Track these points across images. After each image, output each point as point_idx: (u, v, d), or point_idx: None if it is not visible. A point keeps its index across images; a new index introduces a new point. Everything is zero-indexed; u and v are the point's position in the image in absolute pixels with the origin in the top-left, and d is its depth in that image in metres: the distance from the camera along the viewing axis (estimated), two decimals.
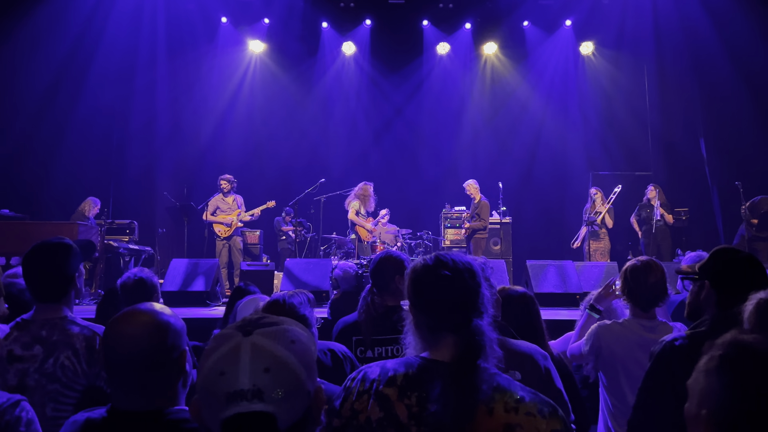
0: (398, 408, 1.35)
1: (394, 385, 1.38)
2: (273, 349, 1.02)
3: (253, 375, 0.99)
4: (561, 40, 12.58)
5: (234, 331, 1.05)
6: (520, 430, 1.30)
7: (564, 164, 12.30)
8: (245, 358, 1.00)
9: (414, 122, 12.91)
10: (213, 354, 1.03)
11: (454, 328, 1.41)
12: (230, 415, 0.98)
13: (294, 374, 1.01)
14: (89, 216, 8.76)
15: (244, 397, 0.98)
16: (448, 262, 1.47)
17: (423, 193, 12.14)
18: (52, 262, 2.32)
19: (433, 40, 12.84)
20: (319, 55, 12.77)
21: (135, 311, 1.51)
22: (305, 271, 7.65)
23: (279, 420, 0.99)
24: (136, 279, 3.20)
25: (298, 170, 11.96)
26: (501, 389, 1.35)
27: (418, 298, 1.47)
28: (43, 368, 2.16)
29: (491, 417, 1.31)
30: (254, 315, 1.11)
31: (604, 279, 7.11)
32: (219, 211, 9.28)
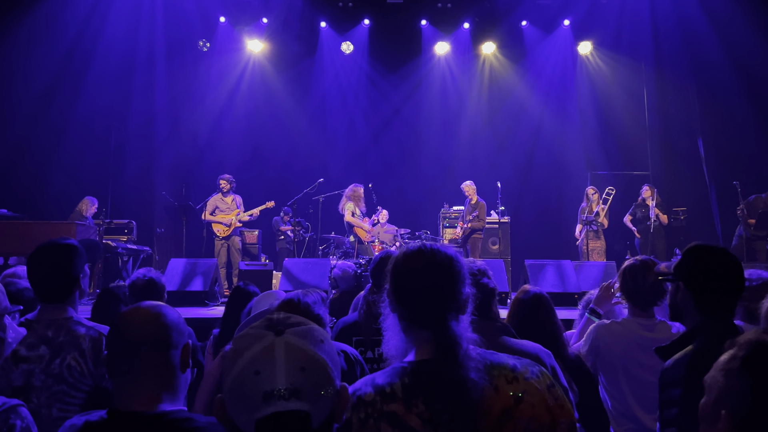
0: (410, 420, 1.32)
1: (396, 399, 1.34)
2: (306, 348, 1.03)
3: (290, 374, 1.00)
4: (559, 39, 12.59)
5: (264, 330, 1.06)
6: (528, 396, 1.34)
7: (562, 164, 12.30)
8: (280, 358, 1.01)
9: (412, 122, 12.91)
10: (245, 353, 1.03)
11: (430, 323, 1.39)
12: (266, 414, 0.99)
13: (327, 373, 1.04)
14: (87, 216, 8.75)
15: (281, 397, 0.99)
16: (429, 252, 1.44)
17: (421, 193, 12.14)
18: (57, 262, 2.32)
19: (431, 40, 12.84)
20: (317, 55, 12.76)
21: (142, 305, 1.56)
22: (304, 270, 7.65)
23: (313, 418, 1.01)
24: (146, 279, 3.22)
25: (297, 170, 11.95)
26: (494, 365, 1.38)
27: (395, 288, 1.45)
28: (49, 369, 2.16)
29: (499, 393, 1.33)
30: (280, 315, 1.12)
31: (603, 278, 7.12)
32: (218, 210, 9.27)
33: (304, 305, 2.07)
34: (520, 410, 1.32)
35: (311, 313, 2.06)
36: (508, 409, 1.32)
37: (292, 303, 2.05)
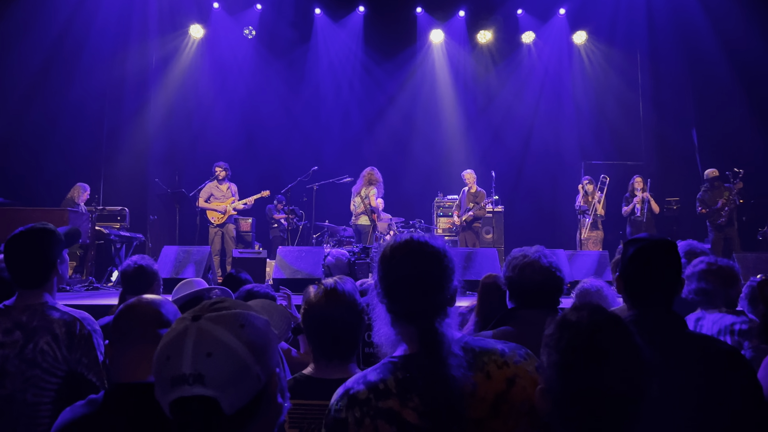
0: (407, 415, 1.30)
1: (391, 395, 1.33)
2: (218, 333, 1.02)
3: (195, 360, 1.00)
4: (555, 28, 12.55)
5: (186, 315, 1.07)
6: (519, 380, 1.36)
7: (556, 153, 12.31)
8: (189, 343, 1.02)
9: (407, 110, 12.86)
10: (164, 338, 1.06)
11: (412, 316, 1.37)
12: (174, 398, 1.01)
13: (239, 359, 1.02)
14: (79, 202, 8.69)
15: (185, 381, 0.99)
16: (417, 244, 1.42)
17: (416, 182, 12.12)
18: (33, 247, 2.32)
19: (426, 28, 12.78)
20: (311, 42, 12.68)
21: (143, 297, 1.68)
22: (298, 258, 7.62)
23: (222, 404, 1.00)
24: (136, 266, 3.23)
25: (291, 157, 11.90)
26: (484, 351, 1.39)
27: (382, 279, 1.42)
28: (23, 354, 2.15)
29: (491, 379, 1.35)
30: (212, 300, 1.12)
31: (596, 268, 7.16)
32: (213, 198, 9.24)
33: (349, 294, 2.01)
34: (513, 393, 1.34)
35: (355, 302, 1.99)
36: (502, 394, 1.33)
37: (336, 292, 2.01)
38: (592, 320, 1.22)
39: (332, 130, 12.59)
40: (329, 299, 1.96)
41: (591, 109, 12.27)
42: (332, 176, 9.89)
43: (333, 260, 4.84)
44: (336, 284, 2.00)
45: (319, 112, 12.72)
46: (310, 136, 12.43)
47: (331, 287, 1.99)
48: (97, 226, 8.35)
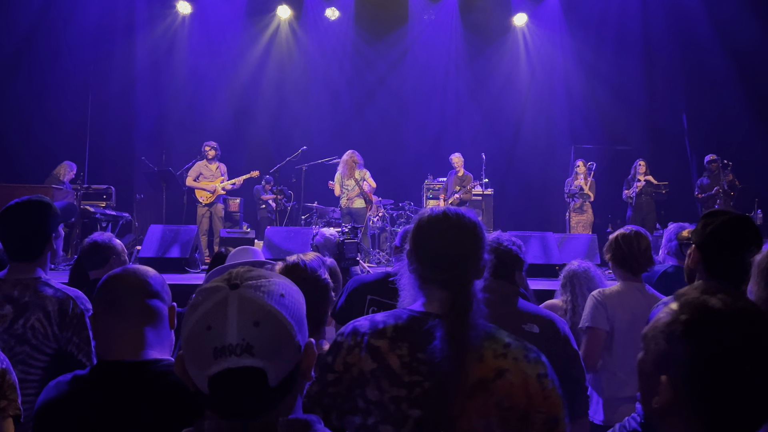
0: (390, 358, 1.38)
1: (384, 336, 1.41)
2: (262, 302, 0.97)
3: (242, 329, 0.94)
4: (547, 11, 12.46)
5: (220, 284, 1.00)
6: (509, 375, 1.35)
7: (546, 137, 12.29)
8: (233, 312, 0.95)
9: (397, 91, 12.78)
10: (199, 308, 0.98)
11: (446, 283, 1.42)
12: (218, 371, 0.94)
13: (284, 328, 0.98)
14: (64, 180, 8.58)
15: (233, 352, 0.94)
16: (454, 216, 1.48)
17: (405, 164, 12.06)
18: (28, 220, 2.25)
19: (418, 8, 12.64)
20: (301, 21, 12.52)
21: (130, 266, 1.65)
22: (286, 239, 7.59)
23: (269, 375, 0.96)
24: (90, 243, 3.18)
25: (280, 137, 11.80)
26: (489, 336, 1.41)
27: (417, 247, 1.48)
28: (12, 329, 2.10)
29: (482, 363, 1.36)
30: (241, 268, 1.05)
31: (587, 251, 7.20)
32: (202, 177, 9.15)
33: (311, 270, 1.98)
34: (497, 385, 1.34)
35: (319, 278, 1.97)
36: (485, 381, 1.34)
37: (298, 268, 1.97)
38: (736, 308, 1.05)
39: (322, 110, 12.48)
40: (290, 275, 1.93)
41: (582, 92, 12.23)
42: (321, 157, 9.82)
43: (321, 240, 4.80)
44: (299, 260, 1.99)
45: (308, 92, 12.58)
46: (299, 116, 12.32)
47: (293, 263, 1.98)
48: (83, 205, 8.25)
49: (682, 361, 1.03)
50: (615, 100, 11.98)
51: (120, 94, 10.91)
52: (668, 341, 1.06)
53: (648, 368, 1.10)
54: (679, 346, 1.04)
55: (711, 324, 1.03)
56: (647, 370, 1.11)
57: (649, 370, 1.10)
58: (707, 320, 1.03)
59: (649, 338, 1.11)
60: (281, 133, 11.94)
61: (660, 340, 1.08)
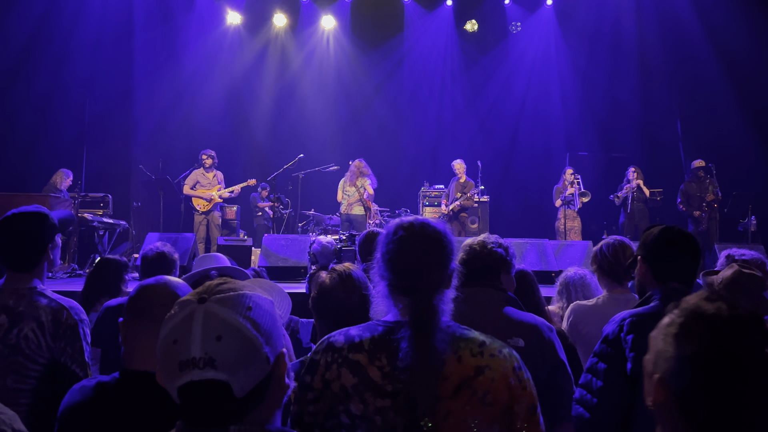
0: (371, 371, 1.40)
1: (362, 350, 1.43)
2: (226, 316, 1.01)
3: (205, 343, 0.98)
4: (542, 19, 12.55)
5: (191, 298, 1.05)
6: (489, 371, 1.40)
7: (542, 144, 12.35)
8: (197, 326, 1.00)
9: (393, 99, 12.83)
10: (169, 322, 1.03)
11: (410, 290, 1.45)
12: (184, 383, 0.99)
13: (248, 341, 1.01)
14: (61, 188, 8.58)
15: (195, 365, 0.98)
16: (419, 225, 1.51)
17: (402, 171, 12.11)
18: (25, 230, 2.26)
19: (414, 17, 12.72)
20: (298, 29, 12.58)
21: (161, 277, 1.68)
22: (283, 247, 7.61)
23: (233, 387, 0.99)
24: (157, 252, 3.27)
25: (276, 145, 11.83)
26: (464, 338, 1.45)
27: (384, 256, 1.51)
28: (6, 338, 2.11)
29: (460, 363, 1.40)
30: (217, 280, 1.10)
31: (585, 258, 7.24)
32: (199, 185, 9.17)
33: (364, 282, 2.07)
34: (479, 382, 1.38)
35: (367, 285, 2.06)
36: (467, 379, 1.38)
37: (351, 279, 2.08)
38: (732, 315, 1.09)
39: (318, 118, 12.51)
40: (345, 285, 2.05)
41: (577, 99, 12.31)
42: (318, 165, 9.86)
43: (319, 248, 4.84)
44: (351, 270, 2.10)
45: (305, 100, 12.63)
46: (296, 124, 12.35)
47: (346, 273, 2.08)
48: (80, 213, 8.25)
49: (671, 362, 1.08)
50: (610, 107, 12.07)
51: (117, 103, 10.90)
52: (663, 342, 1.11)
53: (648, 367, 1.14)
54: (671, 347, 1.09)
55: (702, 328, 1.07)
56: (648, 369, 1.15)
57: (649, 370, 1.14)
58: (697, 324, 1.07)
59: (653, 338, 1.16)
60: (278, 141, 11.97)
61: (659, 340, 1.12)
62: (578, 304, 3.05)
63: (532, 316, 2.29)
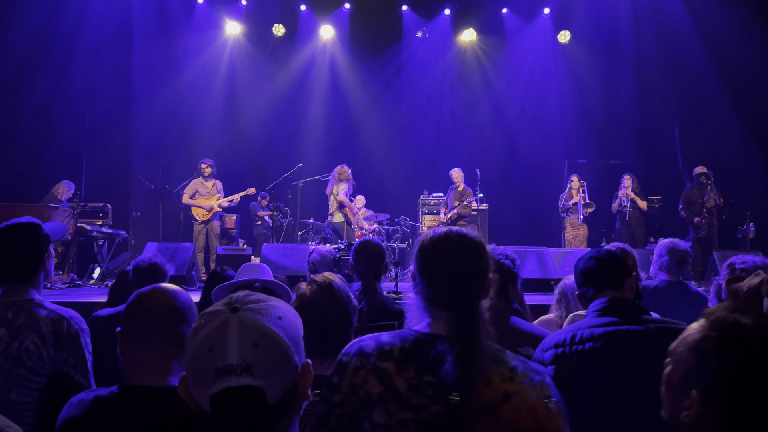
0: (398, 381, 1.37)
1: (391, 358, 1.40)
2: (260, 324, 1.03)
3: (242, 350, 1.00)
4: (539, 28, 12.62)
5: (221, 308, 1.06)
6: (517, 399, 1.34)
7: (541, 152, 12.38)
8: (233, 334, 1.01)
9: (392, 107, 12.87)
10: (201, 330, 1.04)
11: (452, 304, 1.42)
12: (219, 390, 1.00)
13: (282, 349, 1.03)
14: (62, 199, 8.60)
15: (233, 372, 0.99)
16: (457, 237, 1.49)
17: (401, 179, 12.13)
18: (20, 242, 2.26)
19: (412, 26, 12.78)
20: (297, 39, 12.63)
21: (159, 285, 1.65)
22: (282, 256, 7.61)
23: (267, 394, 1.01)
24: (150, 263, 3.27)
25: (276, 155, 11.86)
26: (497, 359, 1.40)
27: (421, 269, 1.50)
28: (7, 352, 2.10)
29: (490, 387, 1.35)
30: (241, 293, 1.12)
31: None
32: (198, 195, 9.18)
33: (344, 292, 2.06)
34: (505, 409, 1.33)
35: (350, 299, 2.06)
36: (493, 405, 1.33)
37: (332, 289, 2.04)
38: None
39: (317, 127, 12.56)
40: (325, 295, 2.02)
41: (575, 107, 12.35)
42: (317, 173, 9.88)
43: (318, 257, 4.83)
44: (331, 280, 2.06)
45: (304, 109, 12.67)
46: (295, 134, 12.39)
47: (326, 283, 2.04)
48: (79, 223, 8.25)
49: (712, 376, 1.08)
50: (608, 115, 12.11)
51: (117, 113, 10.94)
52: (698, 357, 1.11)
53: (676, 382, 1.15)
54: (710, 361, 1.09)
55: (741, 341, 1.08)
56: (675, 385, 1.15)
57: (678, 385, 1.14)
58: (738, 337, 1.08)
59: (678, 353, 1.16)
60: (277, 150, 12.00)
61: (690, 356, 1.12)
62: (577, 315, 3.02)
63: (538, 327, 2.34)
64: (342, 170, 9.22)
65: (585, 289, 2.20)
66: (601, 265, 2.18)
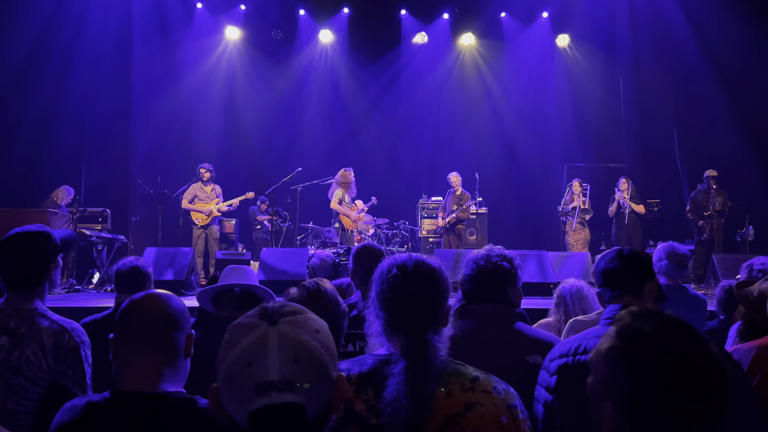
0: (356, 404, 1.39)
1: (350, 383, 1.41)
2: (300, 338, 1.00)
3: (283, 365, 0.97)
4: (538, 32, 12.64)
5: (258, 320, 1.02)
6: (479, 407, 1.37)
7: (540, 156, 12.39)
8: (273, 348, 0.97)
9: (391, 112, 12.88)
10: (238, 344, 1.00)
11: (407, 330, 1.44)
12: (259, 406, 0.96)
13: (322, 363, 1.00)
14: (61, 204, 8.60)
15: (274, 388, 0.96)
16: (413, 264, 1.50)
17: (400, 183, 12.14)
18: (27, 250, 2.23)
19: (411, 30, 12.80)
20: (296, 44, 12.65)
21: (152, 291, 1.66)
22: (282, 260, 7.61)
23: (307, 411, 0.98)
24: (131, 267, 3.25)
25: (275, 159, 11.87)
26: (456, 373, 1.43)
27: (379, 295, 1.51)
28: (7, 361, 2.09)
29: (450, 398, 1.38)
30: (275, 304, 1.08)
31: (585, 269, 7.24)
32: (197, 199, 9.18)
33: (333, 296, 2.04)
34: (468, 418, 1.35)
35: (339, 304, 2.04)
36: (455, 415, 1.35)
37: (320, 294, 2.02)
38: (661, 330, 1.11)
39: (316, 131, 12.57)
40: (313, 299, 1.99)
41: (574, 111, 12.37)
42: (316, 177, 9.88)
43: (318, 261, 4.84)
44: (318, 285, 2.02)
45: (303, 114, 12.69)
46: (294, 138, 12.40)
47: (314, 288, 2.02)
48: (78, 228, 8.26)
49: (622, 386, 1.08)
50: (606, 118, 12.13)
51: (116, 118, 10.95)
52: (608, 368, 1.11)
53: (595, 393, 1.15)
54: (617, 372, 1.09)
55: (642, 349, 1.08)
56: (595, 395, 1.15)
57: (596, 395, 1.14)
58: (639, 345, 1.08)
59: (593, 364, 1.16)
60: (276, 155, 12.01)
61: (602, 366, 1.12)
62: (577, 320, 3.01)
63: (546, 333, 2.29)
64: (342, 174, 9.21)
65: (603, 290, 2.14)
66: (624, 267, 2.09)
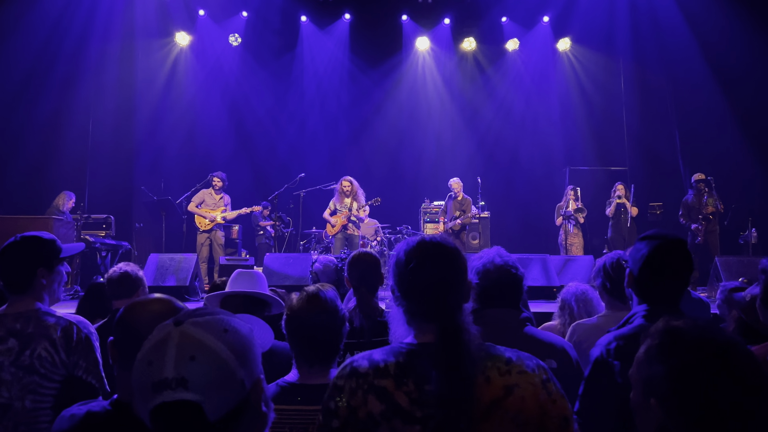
0: (398, 397, 1.35)
1: (388, 375, 1.37)
2: (201, 337, 1.00)
3: (178, 364, 0.97)
4: (539, 36, 12.67)
5: (168, 321, 1.04)
6: (518, 390, 1.36)
7: (541, 160, 12.39)
8: (172, 347, 0.99)
9: (393, 117, 12.90)
10: (146, 345, 1.03)
11: (433, 314, 1.41)
12: (156, 404, 0.97)
13: (223, 362, 1.00)
14: (64, 210, 8.63)
15: (168, 386, 0.96)
16: (431, 245, 1.47)
17: (402, 188, 12.16)
18: (16, 252, 2.31)
19: (412, 35, 12.84)
20: (297, 50, 12.70)
21: (154, 295, 1.61)
22: (285, 265, 7.61)
23: (206, 410, 0.97)
24: (120, 272, 3.25)
25: (277, 165, 11.89)
26: (490, 356, 1.41)
27: (399, 283, 1.48)
28: (18, 361, 2.14)
29: (490, 384, 1.36)
30: (194, 308, 1.10)
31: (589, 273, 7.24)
32: (204, 205, 9.22)
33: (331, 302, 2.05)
34: (509, 402, 1.34)
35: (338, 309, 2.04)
36: (497, 400, 1.34)
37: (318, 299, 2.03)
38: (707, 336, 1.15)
39: (319, 137, 12.60)
40: (311, 305, 2.00)
41: (576, 115, 12.38)
42: (319, 183, 9.90)
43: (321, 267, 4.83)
44: (318, 291, 2.04)
45: (305, 119, 12.72)
46: (296, 144, 12.43)
47: (313, 293, 2.03)
48: (83, 234, 8.29)
49: (662, 380, 1.13)
50: (608, 122, 12.14)
51: (119, 124, 10.98)
52: (648, 367, 1.17)
53: (639, 401, 1.19)
54: (656, 368, 1.14)
55: (678, 343, 1.14)
56: (639, 403, 1.19)
57: (641, 404, 1.18)
58: (675, 340, 1.15)
59: (633, 375, 1.22)
60: (279, 161, 12.04)
61: (642, 368, 1.18)
62: (580, 323, 3.01)
63: (557, 337, 2.29)
64: (342, 183, 9.17)
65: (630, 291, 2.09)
66: None
